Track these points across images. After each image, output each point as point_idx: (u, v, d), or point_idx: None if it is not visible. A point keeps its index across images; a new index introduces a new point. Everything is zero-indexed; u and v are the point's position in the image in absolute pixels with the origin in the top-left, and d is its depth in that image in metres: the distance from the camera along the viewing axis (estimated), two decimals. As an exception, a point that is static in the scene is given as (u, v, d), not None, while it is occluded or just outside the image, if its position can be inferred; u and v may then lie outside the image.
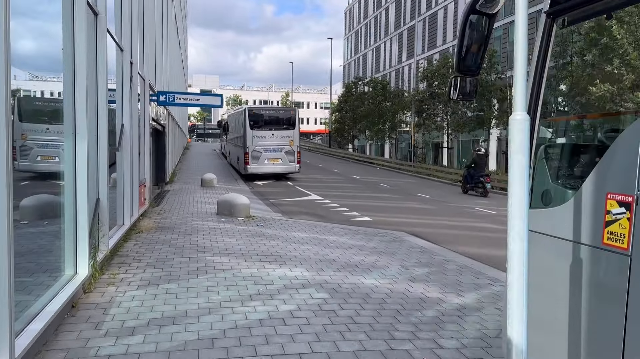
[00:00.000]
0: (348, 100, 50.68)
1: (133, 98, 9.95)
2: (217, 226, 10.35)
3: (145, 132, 12.33)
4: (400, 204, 16.50)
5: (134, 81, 9.94)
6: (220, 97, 13.36)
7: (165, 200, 15.05)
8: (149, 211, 12.34)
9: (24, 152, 5.12)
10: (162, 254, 7.62)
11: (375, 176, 27.81)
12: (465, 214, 14.58)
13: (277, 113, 24.78)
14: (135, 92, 10.09)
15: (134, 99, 10.01)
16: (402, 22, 55.26)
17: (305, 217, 13.00)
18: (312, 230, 10.27)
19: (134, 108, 10.00)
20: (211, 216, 11.95)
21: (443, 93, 28.90)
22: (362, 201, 16.81)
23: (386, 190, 20.81)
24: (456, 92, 3.65)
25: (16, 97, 4.97)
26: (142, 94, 12.14)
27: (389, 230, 10.83)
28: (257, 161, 23.66)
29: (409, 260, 7.67)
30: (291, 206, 15.24)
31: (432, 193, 20.01)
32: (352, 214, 13.70)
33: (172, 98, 12.57)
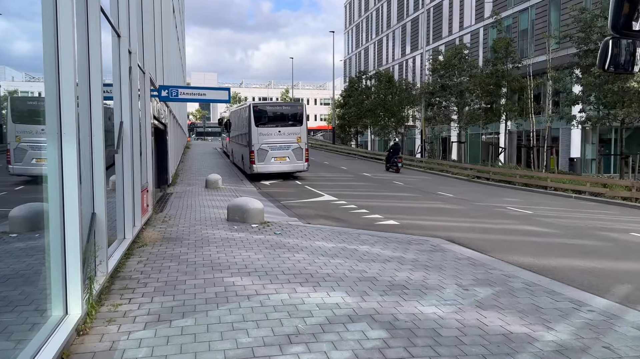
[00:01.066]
0: (352, 95, 49.44)
1: (133, 93, 8.77)
2: (230, 236, 9.18)
3: (146, 131, 11.14)
4: (422, 204, 15.33)
5: (133, 73, 8.75)
6: (228, 90, 12.18)
7: (169, 205, 13.88)
8: (153, 218, 11.17)
9: (18, 154, 4.88)
10: (171, 275, 6.44)
11: (386, 173, 26.61)
12: (498, 215, 13.41)
13: (284, 109, 23.55)
14: (135, 85, 8.91)
15: (134, 94, 8.83)
16: (405, 14, 53.91)
17: (324, 222, 11.83)
18: (338, 238, 9.10)
19: (134, 104, 8.82)
20: (221, 223, 10.78)
21: (455, 84, 27.68)
22: (380, 202, 15.64)
23: (402, 189, 19.63)
24: (608, 61, 2.55)
25: (9, 98, 4.70)
26: (143, 89, 10.95)
27: (422, 236, 9.67)
28: (263, 160, 22.46)
29: (463, 277, 6.51)
30: (305, 209, 14.07)
31: (453, 191, 18.83)
32: (374, 217, 12.53)
33: (175, 93, 11.40)
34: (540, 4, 32.24)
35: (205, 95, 11.66)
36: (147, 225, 10.23)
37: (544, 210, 14.54)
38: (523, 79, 23.99)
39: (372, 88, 48.89)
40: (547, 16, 31.64)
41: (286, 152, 22.68)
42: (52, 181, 4.16)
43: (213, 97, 11.79)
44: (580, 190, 17.91)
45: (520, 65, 24.23)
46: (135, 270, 6.68)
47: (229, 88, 12.18)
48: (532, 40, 32.44)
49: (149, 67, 11.47)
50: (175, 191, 17.77)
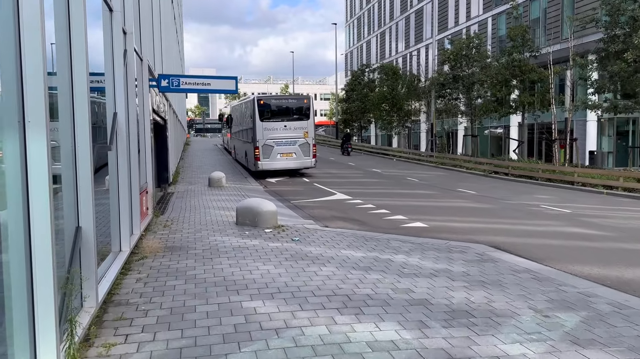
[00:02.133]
0: (355, 89, 48.16)
1: (129, 81, 7.57)
2: (242, 244, 8.01)
3: (145, 126, 9.96)
4: (445, 202, 14.15)
5: (129, 57, 7.55)
6: (235, 79, 10.97)
7: (171, 206, 12.71)
8: (153, 222, 10.00)
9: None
10: (177, 298, 5.27)
11: (396, 169, 25.43)
12: (535, 214, 12.21)
13: (290, 102, 22.31)
14: (132, 72, 7.72)
15: (130, 81, 7.64)
16: (408, 5, 52.54)
17: (343, 225, 10.67)
18: (365, 246, 7.94)
19: (130, 93, 7.63)
20: (230, 227, 9.61)
21: (467, 76, 26.41)
22: (399, 201, 14.47)
23: (418, 185, 18.44)
24: None
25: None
26: (140, 78, 9.75)
27: (461, 242, 8.50)
28: (268, 156, 21.26)
29: (533, 297, 5.34)
30: (319, 209, 12.90)
31: (473, 187, 17.63)
32: (397, 218, 11.35)
33: (177, 83, 10.20)
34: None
35: (210, 85, 10.46)
36: (147, 231, 9.07)
37: (581, 208, 13.36)
38: (540, 68, 22.76)
39: (376, 81, 47.64)
40: (560, 3, 30.36)
41: (293, 148, 21.49)
42: (12, 184, 2.98)
43: (219, 87, 10.59)
44: (611, 185, 16.72)
45: (537, 54, 22.97)
46: (134, 292, 5.51)
47: (236, 77, 10.99)
48: (544, 29, 31.20)
49: (146, 53, 10.27)
50: (176, 190, 16.60)
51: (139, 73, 9.70)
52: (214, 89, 10.69)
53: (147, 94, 9.97)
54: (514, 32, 23.14)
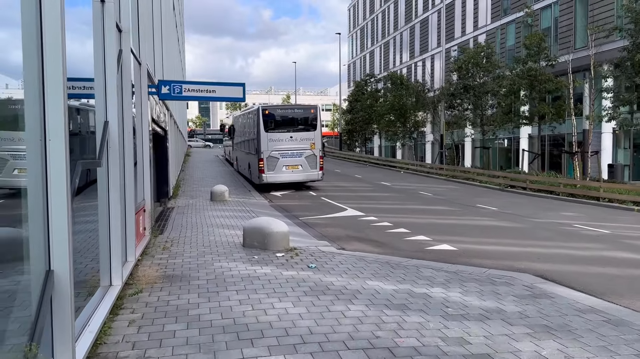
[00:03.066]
0: (359, 99, 47.37)
1: (124, 85, 6.63)
2: (252, 272, 6.99)
3: (143, 137, 9.00)
4: (467, 220, 13.13)
5: (124, 59, 6.61)
6: (243, 86, 10.00)
7: (171, 224, 11.70)
8: (151, 244, 9.00)
9: (-3, 164, 3.86)
10: (178, 351, 4.25)
11: (406, 182, 24.42)
12: (572, 235, 11.17)
13: (296, 112, 21.39)
14: (128, 76, 6.76)
15: (126, 87, 6.68)
16: (413, 15, 51.93)
17: (361, 246, 9.66)
18: (393, 275, 6.92)
19: (126, 100, 6.68)
20: (237, 250, 8.60)
21: (478, 85, 25.47)
22: (417, 218, 13.47)
23: (433, 201, 17.42)
24: None
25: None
26: (138, 83, 8.81)
27: (501, 270, 7.49)
28: (273, 168, 20.28)
29: (616, 349, 4.33)
30: (332, 228, 11.89)
31: (493, 203, 16.61)
32: (421, 239, 10.34)
33: (179, 89, 9.24)
34: (565, 0, 30.22)
35: (215, 93, 9.49)
36: (143, 255, 8.06)
37: (620, 228, 12.33)
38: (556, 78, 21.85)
39: (381, 91, 46.87)
40: (572, 12, 29.59)
41: (299, 160, 20.51)
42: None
43: (225, 95, 9.61)
44: (639, 201, 15.72)
45: (554, 62, 22.05)
46: (125, 340, 4.48)
47: (244, 84, 10.03)
48: (555, 38, 30.40)
49: (145, 56, 9.33)
50: (177, 205, 15.61)
51: (136, 78, 8.76)
52: (219, 97, 9.74)
53: (145, 102, 9.01)
54: (530, 40, 22.26)
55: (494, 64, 26.37)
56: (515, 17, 34.84)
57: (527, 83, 21.68)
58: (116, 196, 5.52)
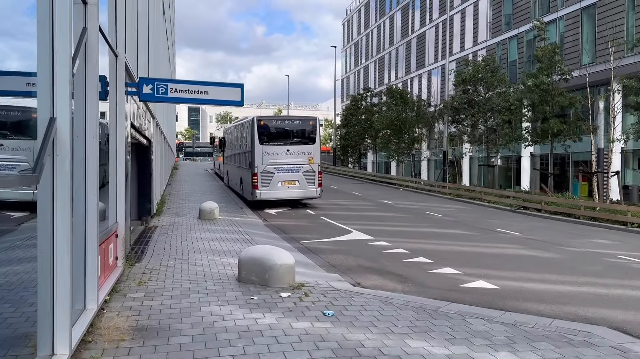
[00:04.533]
0: (354, 114, 46.08)
1: (88, 74, 5.01)
2: (251, 323, 5.34)
3: (118, 145, 7.35)
4: (493, 248, 11.53)
5: (90, 42, 5.00)
6: (241, 87, 8.40)
7: (152, 248, 10.00)
8: (124, 277, 7.30)
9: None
10: None
11: (408, 200, 22.86)
12: (626, 270, 9.51)
13: (293, 124, 19.83)
14: (94, 65, 5.14)
15: (90, 76, 5.07)
16: (409, 30, 51.03)
17: (380, 281, 8.04)
18: (437, 329, 5.31)
19: (91, 96, 5.06)
20: (231, 285, 6.96)
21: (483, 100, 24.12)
22: (434, 243, 11.89)
23: (444, 223, 15.81)
24: None
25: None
26: (114, 79, 7.18)
27: (569, 321, 5.91)
28: (268, 184, 18.63)
29: None
30: (340, 255, 10.26)
31: (512, 226, 15.05)
32: (449, 273, 8.74)
33: (164, 89, 7.61)
34: (571, 14, 29.27)
35: (207, 94, 7.87)
36: (113, 294, 6.36)
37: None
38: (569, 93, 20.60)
39: (377, 106, 45.73)
40: (579, 28, 28.63)
41: (295, 175, 18.90)
42: None
43: (219, 97, 8.00)
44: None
45: (568, 76, 20.80)
46: None
47: (242, 85, 8.42)
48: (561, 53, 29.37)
49: (125, 49, 7.71)
50: (160, 223, 13.92)
51: (111, 73, 7.14)
52: (213, 99, 8.13)
53: (122, 103, 7.38)
54: (541, 52, 21.03)
55: (500, 79, 25.14)
56: (517, 32, 33.91)
57: (539, 98, 20.37)
58: (66, 222, 3.86)
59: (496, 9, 37.00)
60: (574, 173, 29.14)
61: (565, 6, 29.58)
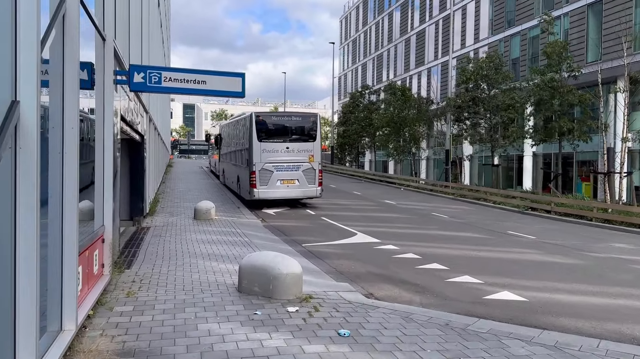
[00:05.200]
0: (353, 111, 45.33)
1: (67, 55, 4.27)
2: (256, 345, 4.61)
3: (106, 141, 6.59)
4: (510, 253, 10.80)
5: (68, 15, 4.24)
6: (242, 77, 7.65)
7: (143, 251, 9.25)
8: (112, 286, 6.55)
9: None
10: None
11: (410, 200, 22.13)
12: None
13: (293, 120, 19.07)
14: (73, 44, 4.38)
15: (70, 58, 4.31)
16: (409, 27, 50.30)
17: (394, 291, 7.33)
18: (472, 354, 4.59)
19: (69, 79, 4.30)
20: (230, 296, 6.23)
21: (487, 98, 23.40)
22: (445, 247, 11.18)
23: (452, 224, 15.07)
24: None
25: None
26: (101, 65, 6.42)
27: (614, 342, 5.21)
28: (266, 183, 17.87)
29: None
30: (347, 260, 9.53)
31: (524, 229, 14.29)
32: (469, 282, 8.03)
33: (157, 78, 6.86)
34: (576, 11, 28.62)
35: (205, 84, 7.10)
36: (98, 307, 5.60)
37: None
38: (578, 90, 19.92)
39: (376, 103, 45.03)
40: (584, 25, 27.99)
41: (295, 174, 18.15)
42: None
43: (218, 88, 7.24)
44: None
45: (578, 73, 20.12)
46: None
47: (243, 74, 7.69)
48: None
49: (114, 33, 6.94)
50: (153, 224, 13.17)
51: (98, 58, 6.38)
52: (210, 90, 7.37)
53: (110, 92, 6.61)
54: (551, 48, 20.34)
55: (505, 75, 24.44)
56: (520, 29, 33.28)
57: (549, 95, 19.69)
58: (28, 236, 3.10)
59: (498, 5, 36.34)
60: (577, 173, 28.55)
61: (570, 2, 28.94)
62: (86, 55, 6.44)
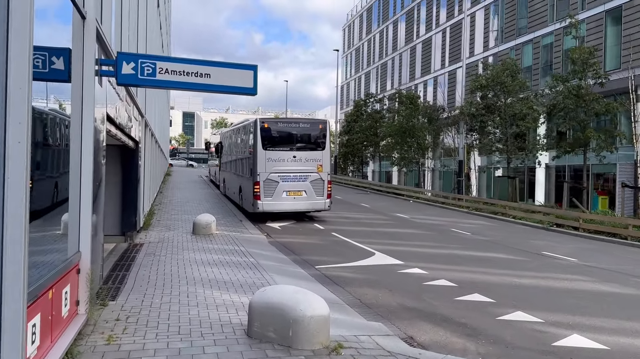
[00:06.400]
0: (357, 120, 44.09)
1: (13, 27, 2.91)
2: None
3: (84, 145, 5.25)
4: (556, 281, 9.37)
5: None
6: (254, 70, 6.32)
7: (134, 275, 7.89)
8: (91, 326, 5.18)
9: None
10: None
11: (424, 214, 20.71)
12: None
13: (301, 127, 17.76)
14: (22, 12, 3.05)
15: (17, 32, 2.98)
16: (414, 35, 49.22)
17: (439, 333, 5.96)
18: None
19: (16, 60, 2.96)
20: (239, 345, 4.89)
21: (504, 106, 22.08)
22: (480, 273, 9.81)
23: (478, 243, 13.59)
24: None
25: None
26: (79, 51, 5.11)
27: None
28: (271, 194, 16.51)
29: None
30: (372, 289, 8.15)
31: (561, 249, 12.77)
32: (525, 320, 6.65)
33: (151, 69, 5.52)
34: (593, 17, 27.48)
35: (209, 78, 5.79)
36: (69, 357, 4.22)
37: None
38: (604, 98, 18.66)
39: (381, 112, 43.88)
40: (602, 32, 26.83)
41: (303, 185, 16.80)
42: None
43: (224, 82, 5.90)
44: None
45: (605, 80, 18.85)
46: None
47: (255, 66, 6.37)
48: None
49: (99, 11, 5.62)
50: (148, 240, 11.82)
51: (75, 40, 5.07)
52: (216, 85, 6.04)
53: (90, 84, 5.27)
54: (576, 54, 19.09)
55: (522, 83, 23.20)
56: (533, 37, 32.16)
57: (574, 104, 18.40)
58: None
59: (509, 12, 35.27)
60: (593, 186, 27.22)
61: (587, 9, 27.82)
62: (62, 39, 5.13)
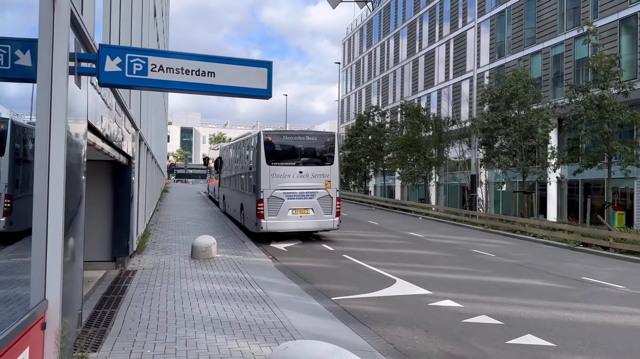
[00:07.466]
0: (360, 134, 43.03)
1: None
2: None
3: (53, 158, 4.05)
4: (613, 315, 8.15)
5: None
6: (269, 67, 5.16)
7: (122, 316, 6.64)
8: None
9: None
10: None
11: (437, 232, 19.38)
12: None
13: (308, 140, 16.61)
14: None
15: None
16: (417, 48, 48.43)
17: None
18: None
19: None
20: None
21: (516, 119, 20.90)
22: (522, 305, 8.57)
23: (507, 267, 12.28)
24: None
25: None
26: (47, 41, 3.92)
27: None
28: (276, 213, 15.29)
29: None
30: (403, 328, 6.90)
31: (599, 274, 11.50)
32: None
33: (142, 66, 4.36)
34: (606, 27, 26.58)
35: (213, 78, 4.66)
36: None
37: None
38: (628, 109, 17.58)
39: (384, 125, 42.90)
40: (616, 40, 25.92)
41: (310, 202, 15.59)
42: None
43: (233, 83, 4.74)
44: None
45: (629, 89, 17.76)
46: None
47: (270, 63, 5.20)
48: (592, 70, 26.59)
49: None
50: (141, 266, 10.59)
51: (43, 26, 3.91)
52: (221, 86, 4.89)
53: (62, 81, 4.10)
54: (597, 63, 18.07)
55: (537, 93, 22.16)
56: (542, 47, 31.29)
57: (595, 115, 17.31)
58: None
59: (516, 23, 34.46)
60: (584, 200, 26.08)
61: (599, 18, 26.95)
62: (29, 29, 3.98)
